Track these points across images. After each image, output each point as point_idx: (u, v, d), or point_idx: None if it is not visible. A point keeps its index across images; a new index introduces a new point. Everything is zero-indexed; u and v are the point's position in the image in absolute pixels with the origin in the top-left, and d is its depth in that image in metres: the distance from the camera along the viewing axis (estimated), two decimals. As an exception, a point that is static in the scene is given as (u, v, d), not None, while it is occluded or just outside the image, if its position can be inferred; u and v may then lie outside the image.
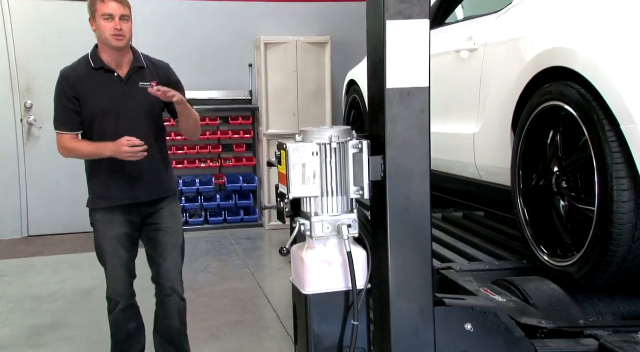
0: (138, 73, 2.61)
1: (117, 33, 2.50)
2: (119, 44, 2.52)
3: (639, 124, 1.57)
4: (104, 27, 2.51)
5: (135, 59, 2.63)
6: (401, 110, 1.49)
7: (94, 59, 2.59)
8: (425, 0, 1.43)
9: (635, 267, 1.68)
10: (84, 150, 2.58)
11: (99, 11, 2.52)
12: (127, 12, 2.55)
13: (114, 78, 2.58)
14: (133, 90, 2.58)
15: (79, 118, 2.58)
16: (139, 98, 2.58)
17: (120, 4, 2.52)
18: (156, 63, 2.71)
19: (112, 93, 2.57)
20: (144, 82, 2.59)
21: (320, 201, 1.53)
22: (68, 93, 2.57)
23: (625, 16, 1.67)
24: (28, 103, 5.89)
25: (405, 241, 1.51)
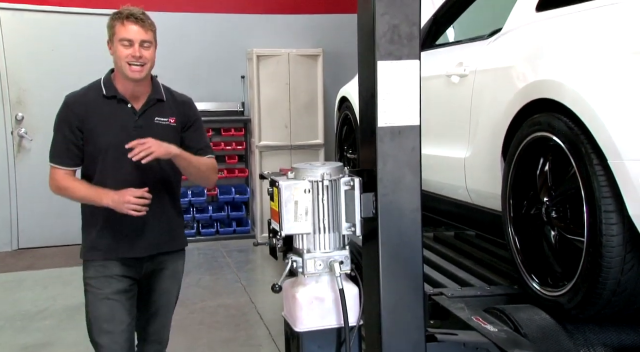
0: (155, 107, 2.28)
1: (135, 62, 2.17)
2: (135, 76, 2.18)
3: (626, 160, 1.59)
4: (121, 54, 2.17)
5: (154, 90, 2.30)
6: (392, 149, 1.50)
7: (107, 86, 2.26)
8: (416, 42, 1.45)
9: (625, 300, 1.70)
10: (78, 192, 2.23)
11: (117, 35, 2.18)
12: (150, 37, 2.19)
13: (127, 110, 2.25)
14: (147, 126, 2.25)
15: (79, 152, 2.25)
16: (154, 135, 2.19)
17: (143, 27, 2.17)
18: (177, 97, 2.37)
19: (123, 127, 2.23)
20: (161, 117, 2.28)
21: (313, 238, 1.54)
22: (71, 122, 2.23)
23: (613, 52, 1.69)
24: (19, 116, 5.86)
25: (397, 277, 1.52)
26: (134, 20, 2.17)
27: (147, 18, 2.21)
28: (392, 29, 1.42)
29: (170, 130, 2.27)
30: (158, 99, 2.29)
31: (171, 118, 2.29)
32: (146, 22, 2.19)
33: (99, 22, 5.87)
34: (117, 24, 2.19)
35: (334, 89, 4.39)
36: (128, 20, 2.17)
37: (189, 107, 2.39)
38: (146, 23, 2.19)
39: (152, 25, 2.22)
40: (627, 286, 1.67)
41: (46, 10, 5.81)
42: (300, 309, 1.52)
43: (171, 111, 2.31)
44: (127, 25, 2.17)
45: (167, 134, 2.23)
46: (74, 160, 2.27)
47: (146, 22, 2.19)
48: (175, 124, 2.30)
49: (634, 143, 1.59)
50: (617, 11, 1.74)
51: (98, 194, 2.19)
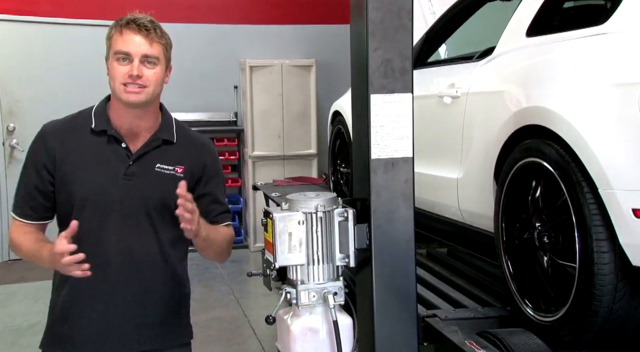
0: (160, 150, 1.72)
1: (130, 81, 1.63)
2: (131, 99, 1.64)
3: (616, 189, 1.61)
4: (115, 72, 1.64)
5: (162, 127, 1.74)
6: (386, 181, 1.51)
7: (98, 117, 1.72)
8: (408, 76, 1.46)
9: (617, 327, 1.72)
10: (23, 248, 1.69)
11: (113, 47, 1.66)
12: (157, 51, 1.66)
13: (119, 151, 1.69)
14: (143, 174, 1.69)
15: (46, 202, 1.70)
16: (150, 188, 1.69)
17: (147, 39, 1.64)
18: (192, 138, 1.80)
19: (110, 174, 1.68)
20: (164, 164, 1.71)
21: (307, 269, 1.55)
22: (40, 160, 1.69)
23: (600, 82, 1.70)
24: (11, 126, 5.85)
25: (391, 308, 1.53)
26: (136, 29, 1.64)
27: (156, 27, 1.68)
28: (385, 63, 1.43)
29: (174, 183, 1.61)
30: (165, 139, 1.73)
31: (179, 166, 1.72)
32: (152, 32, 1.65)
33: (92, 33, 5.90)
34: (115, 33, 1.67)
35: (327, 100, 4.41)
36: (128, 28, 1.65)
37: (206, 153, 1.80)
38: (152, 33, 1.65)
39: (162, 38, 1.69)
40: (620, 313, 1.69)
41: (39, 21, 5.80)
42: (294, 341, 1.52)
43: (180, 157, 1.74)
44: (126, 35, 1.64)
45: (170, 189, 1.62)
46: (37, 212, 1.71)
47: (152, 32, 1.65)
48: (182, 175, 1.72)
49: (625, 173, 1.60)
50: (605, 42, 1.76)
51: (38, 249, 1.64)
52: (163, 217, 1.70)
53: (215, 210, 1.80)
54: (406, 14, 1.45)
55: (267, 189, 4.61)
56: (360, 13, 1.47)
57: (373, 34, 1.43)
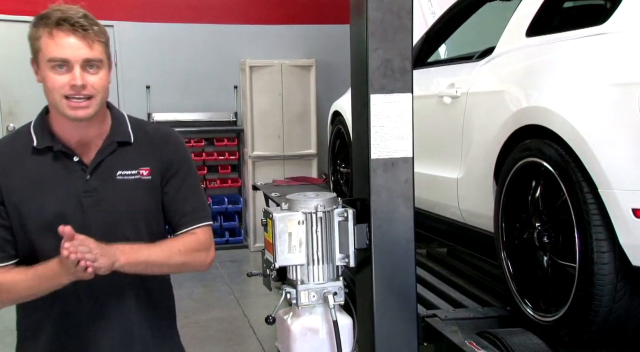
0: (117, 154, 1.51)
1: (74, 93, 1.39)
2: (78, 115, 1.41)
3: (616, 189, 1.61)
4: (53, 83, 1.39)
5: (114, 128, 1.52)
6: (386, 181, 1.51)
7: (39, 132, 1.48)
8: (408, 76, 1.46)
9: (617, 327, 1.72)
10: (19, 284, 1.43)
11: (44, 52, 1.39)
12: (99, 53, 1.41)
13: (72, 167, 1.47)
14: (105, 187, 1.48)
15: (7, 236, 1.47)
16: (116, 201, 1.48)
17: (85, 39, 1.38)
18: (152, 132, 1.57)
19: (67, 194, 1.46)
20: (127, 169, 1.50)
21: (306, 269, 1.55)
22: None
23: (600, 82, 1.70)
24: (11, 127, 5.84)
25: (391, 308, 1.53)
26: (69, 29, 1.37)
27: (92, 22, 1.41)
28: (385, 64, 1.43)
29: (143, 188, 1.50)
30: (121, 141, 1.51)
31: (143, 168, 1.51)
32: (90, 31, 1.39)
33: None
34: (43, 35, 1.38)
35: (327, 100, 4.41)
36: (60, 29, 1.37)
37: (172, 145, 1.56)
38: (90, 32, 1.39)
39: (101, 34, 1.42)
40: (619, 313, 1.69)
41: (38, 21, 5.79)
42: (294, 341, 1.52)
43: (143, 157, 1.52)
44: (59, 37, 1.37)
45: (139, 196, 1.49)
46: (3, 250, 1.47)
47: (90, 30, 1.39)
48: (150, 177, 1.51)
49: (624, 173, 1.60)
50: (605, 42, 1.76)
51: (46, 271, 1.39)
52: (137, 230, 1.50)
53: (180, 212, 1.54)
54: (406, 14, 1.45)
55: (267, 189, 4.61)
56: (360, 13, 1.47)
57: (373, 34, 1.43)
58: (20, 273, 1.44)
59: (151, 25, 6.17)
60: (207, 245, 1.54)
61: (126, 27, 6.02)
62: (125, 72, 5.99)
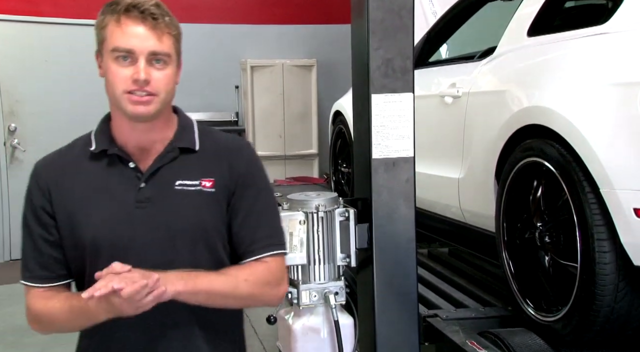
0: (178, 162, 1.33)
1: (136, 88, 1.24)
2: (138, 111, 1.26)
3: (617, 189, 1.61)
4: (115, 77, 1.26)
5: (178, 134, 1.35)
6: (387, 180, 1.52)
7: (99, 136, 1.35)
8: (409, 75, 1.46)
9: (618, 326, 1.71)
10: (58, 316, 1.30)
11: (109, 41, 1.26)
12: (168, 46, 1.26)
13: (127, 173, 1.32)
14: (160, 197, 1.31)
15: (56, 254, 1.32)
16: (172, 213, 1.31)
17: (154, 29, 1.25)
18: (221, 142, 1.39)
19: (117, 205, 1.31)
20: (187, 179, 1.32)
21: (308, 269, 1.55)
22: (36, 206, 1.32)
23: (601, 82, 1.70)
24: (12, 126, 5.85)
25: (392, 308, 1.53)
26: (139, 17, 1.24)
27: (164, 13, 1.27)
28: (386, 63, 1.43)
29: (205, 202, 1.32)
30: (183, 148, 1.34)
31: (206, 179, 1.32)
32: (161, 20, 1.25)
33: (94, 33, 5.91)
34: (110, 22, 1.26)
35: (328, 99, 4.41)
36: (128, 16, 1.24)
37: (244, 157, 1.38)
38: (161, 22, 1.25)
39: (173, 27, 1.28)
40: (621, 313, 1.69)
41: (40, 21, 5.80)
42: (295, 341, 1.52)
43: (207, 166, 1.34)
44: (126, 25, 1.24)
45: (199, 210, 1.31)
46: (51, 270, 1.32)
47: (161, 20, 1.25)
48: (214, 190, 1.32)
49: (626, 172, 1.60)
50: (606, 41, 1.76)
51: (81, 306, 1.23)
52: (195, 247, 1.31)
53: (250, 237, 1.34)
54: (407, 13, 1.45)
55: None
56: (361, 13, 1.47)
57: (374, 33, 1.43)
58: (60, 302, 1.29)
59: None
60: (279, 277, 1.36)
61: (127, 27, 6.02)
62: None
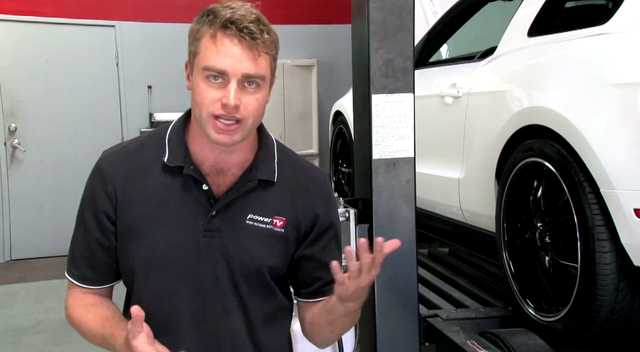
0: (253, 195, 1.24)
1: (224, 113, 1.14)
2: (221, 139, 1.17)
3: (618, 189, 1.61)
4: (203, 97, 1.16)
5: (259, 159, 1.25)
6: (387, 181, 1.52)
7: (174, 147, 1.24)
8: (410, 76, 1.46)
9: (619, 327, 1.72)
10: (88, 330, 1.27)
11: (201, 57, 1.16)
12: (263, 68, 1.15)
13: (198, 196, 1.23)
14: (229, 230, 1.23)
15: (108, 259, 1.27)
16: (237, 249, 1.23)
17: (252, 49, 1.13)
18: (299, 173, 1.29)
19: (183, 228, 1.23)
20: (259, 215, 1.24)
21: (308, 269, 1.54)
22: (100, 205, 1.25)
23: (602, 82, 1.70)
24: (12, 127, 5.85)
25: (392, 308, 1.53)
26: (236, 35, 1.13)
27: (264, 29, 1.16)
28: (387, 64, 1.43)
29: (273, 242, 1.25)
30: (262, 179, 1.24)
31: (278, 217, 1.24)
32: (260, 40, 1.14)
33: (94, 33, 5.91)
34: (205, 35, 1.16)
35: (329, 99, 4.41)
36: (225, 33, 1.14)
37: (322, 196, 1.30)
38: (260, 41, 1.14)
39: (271, 45, 1.17)
40: (621, 313, 1.69)
41: (41, 21, 5.80)
42: (295, 341, 1.52)
43: (281, 202, 1.25)
44: (222, 43, 1.14)
45: (267, 250, 1.24)
46: (100, 273, 1.28)
47: (260, 39, 1.14)
48: (283, 230, 1.25)
49: (626, 173, 1.60)
50: (607, 42, 1.76)
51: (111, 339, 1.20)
52: (253, 288, 1.24)
53: (322, 279, 1.28)
54: (407, 14, 1.45)
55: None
56: (362, 13, 1.47)
57: (374, 34, 1.43)
58: (94, 322, 1.24)
59: (153, 25, 6.18)
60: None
61: (128, 27, 6.02)
62: (127, 72, 6.00)
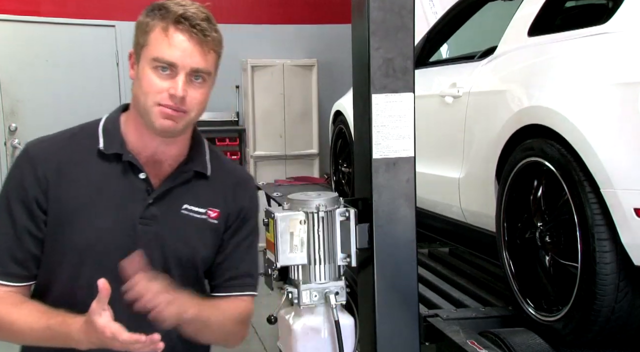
0: (189, 186, 1.29)
1: (170, 104, 1.18)
2: (166, 126, 1.20)
3: (618, 189, 1.61)
4: (149, 86, 1.19)
5: (193, 154, 1.31)
6: (387, 180, 1.52)
7: (109, 135, 1.26)
8: (410, 75, 1.46)
9: (619, 326, 1.71)
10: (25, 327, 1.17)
11: (150, 48, 1.20)
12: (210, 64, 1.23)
13: (137, 184, 1.25)
14: (166, 219, 1.27)
15: (36, 251, 1.22)
16: (172, 238, 1.27)
17: (201, 45, 1.19)
18: (229, 171, 1.38)
19: (123, 215, 1.24)
20: (194, 205, 1.29)
21: (308, 269, 1.55)
22: (29, 192, 1.20)
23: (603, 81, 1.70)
24: (12, 126, 5.85)
25: (392, 308, 1.53)
26: (188, 29, 1.18)
27: (213, 29, 1.23)
28: (387, 63, 1.43)
29: (207, 232, 1.30)
30: (198, 171, 1.31)
31: (212, 209, 1.30)
32: (210, 37, 1.20)
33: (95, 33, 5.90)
34: (155, 27, 1.19)
35: (329, 99, 4.40)
36: (177, 28, 1.18)
37: (248, 192, 1.38)
38: (209, 38, 1.20)
39: (218, 43, 1.24)
40: (622, 313, 1.69)
41: (41, 21, 5.80)
42: (295, 341, 1.52)
43: (215, 196, 1.31)
44: (173, 37, 1.18)
45: (200, 239, 1.29)
46: (27, 268, 1.22)
47: (210, 36, 1.20)
48: (216, 222, 1.31)
49: (626, 172, 1.60)
50: (607, 41, 1.76)
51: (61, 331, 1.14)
52: (186, 277, 1.27)
53: (231, 271, 1.34)
54: (407, 13, 1.45)
55: (269, 188, 4.61)
56: (362, 13, 1.47)
57: (374, 33, 1.43)
58: (32, 316, 1.16)
59: (153, 25, 6.17)
60: (249, 319, 1.38)
61: (128, 27, 6.02)
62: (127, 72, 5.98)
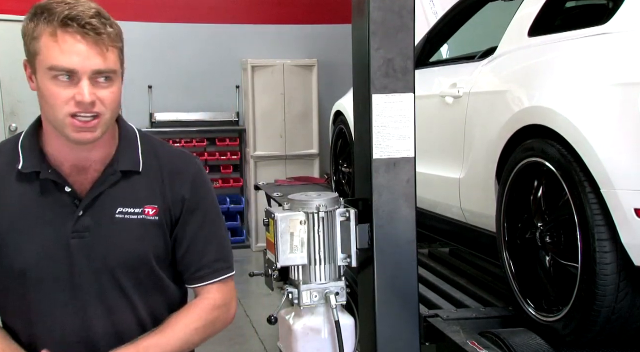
0: (118, 187, 1.22)
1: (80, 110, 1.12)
2: (84, 138, 1.14)
3: (618, 189, 1.61)
4: (53, 98, 1.12)
5: (120, 150, 1.24)
6: (387, 180, 1.52)
7: (27, 152, 1.20)
8: (410, 75, 1.46)
9: (619, 326, 1.71)
10: None
11: (43, 57, 1.12)
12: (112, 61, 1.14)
13: (61, 199, 1.19)
14: (99, 227, 1.20)
15: None
16: (111, 245, 1.21)
17: (98, 44, 1.10)
18: (166, 161, 1.27)
19: (51, 234, 1.19)
20: (129, 207, 1.22)
21: (308, 269, 1.55)
22: None
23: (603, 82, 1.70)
24: (12, 126, 5.86)
25: (393, 308, 1.53)
26: (78, 31, 1.09)
27: (107, 23, 1.13)
28: (387, 63, 1.43)
29: (148, 231, 1.23)
30: (126, 170, 1.22)
31: (149, 206, 1.22)
32: (104, 34, 1.11)
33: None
34: (42, 33, 1.10)
35: (329, 99, 4.41)
36: (66, 31, 1.09)
37: (187, 179, 1.27)
38: (104, 35, 1.11)
39: (116, 37, 1.14)
40: (622, 313, 1.69)
41: (40, 21, 5.80)
42: (295, 341, 1.52)
43: (151, 191, 1.23)
44: (64, 42, 1.09)
45: (142, 241, 1.22)
46: None
47: (104, 33, 1.11)
48: (157, 218, 1.23)
49: (627, 173, 1.60)
50: (607, 41, 1.76)
51: None
52: (137, 282, 1.22)
53: (195, 264, 1.27)
54: (408, 13, 1.45)
55: (269, 188, 4.60)
56: (362, 13, 1.47)
57: (375, 33, 1.43)
58: None
59: (153, 25, 6.18)
60: (226, 301, 1.31)
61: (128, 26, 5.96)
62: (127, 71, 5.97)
